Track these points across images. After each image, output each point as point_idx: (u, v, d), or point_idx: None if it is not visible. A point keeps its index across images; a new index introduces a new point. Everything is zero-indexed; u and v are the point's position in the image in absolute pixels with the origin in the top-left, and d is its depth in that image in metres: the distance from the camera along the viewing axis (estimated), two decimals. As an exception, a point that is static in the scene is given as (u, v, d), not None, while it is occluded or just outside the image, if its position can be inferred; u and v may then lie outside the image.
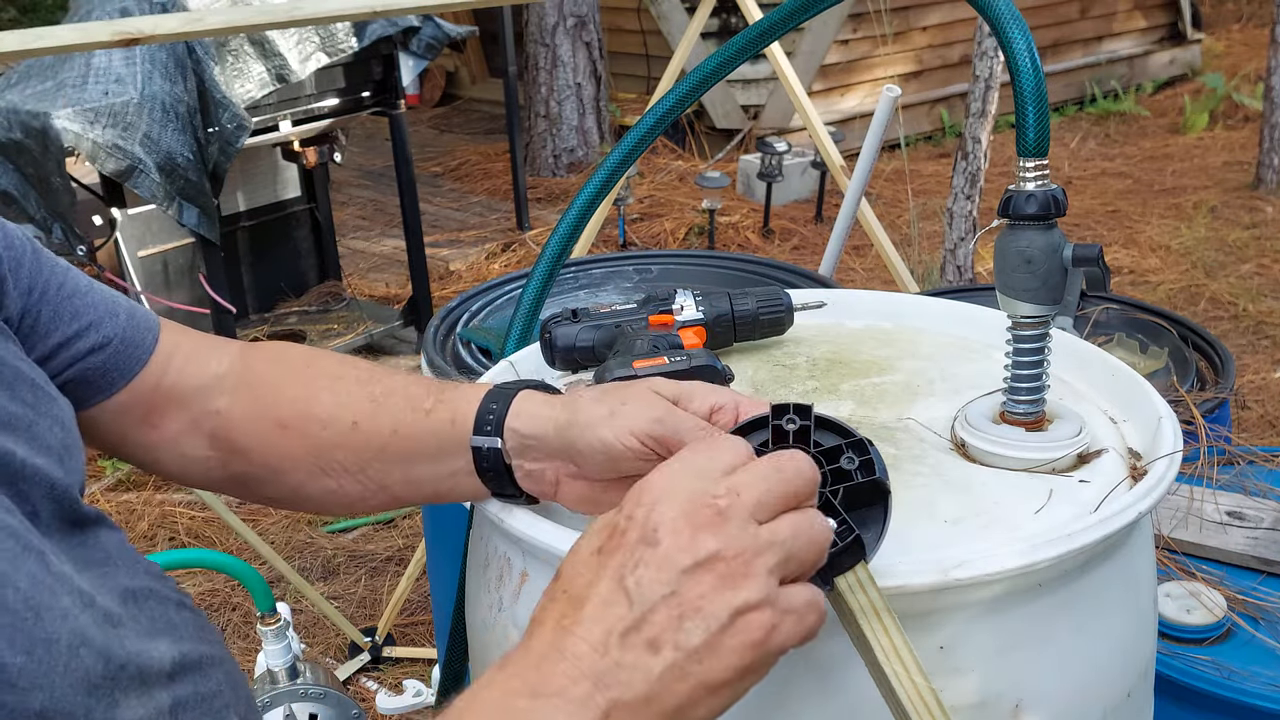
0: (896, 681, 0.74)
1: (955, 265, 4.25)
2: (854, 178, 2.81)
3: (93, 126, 3.52)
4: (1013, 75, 0.93)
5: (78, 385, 0.97)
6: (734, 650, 0.68)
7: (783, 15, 1.18)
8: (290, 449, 0.99)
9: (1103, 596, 0.92)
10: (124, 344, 0.99)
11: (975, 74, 4.07)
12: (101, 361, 0.97)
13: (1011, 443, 1.01)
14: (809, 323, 1.32)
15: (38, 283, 0.94)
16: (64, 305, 0.96)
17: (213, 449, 1.02)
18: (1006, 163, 6.00)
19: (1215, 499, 1.60)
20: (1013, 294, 0.99)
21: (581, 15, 6.67)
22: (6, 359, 0.86)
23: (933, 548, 0.85)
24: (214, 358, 1.04)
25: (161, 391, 1.01)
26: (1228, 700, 1.33)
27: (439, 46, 4.38)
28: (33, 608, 0.72)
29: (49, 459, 0.84)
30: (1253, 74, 7.81)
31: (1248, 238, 5.47)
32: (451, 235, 6.04)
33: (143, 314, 1.02)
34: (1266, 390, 4.04)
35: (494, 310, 2.11)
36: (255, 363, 1.04)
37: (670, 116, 1.22)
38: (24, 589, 0.72)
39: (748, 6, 3.01)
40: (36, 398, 0.87)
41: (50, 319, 0.95)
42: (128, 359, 0.99)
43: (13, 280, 0.92)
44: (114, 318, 0.99)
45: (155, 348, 1.01)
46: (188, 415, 1.02)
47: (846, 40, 6.96)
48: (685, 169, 6.63)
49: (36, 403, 0.86)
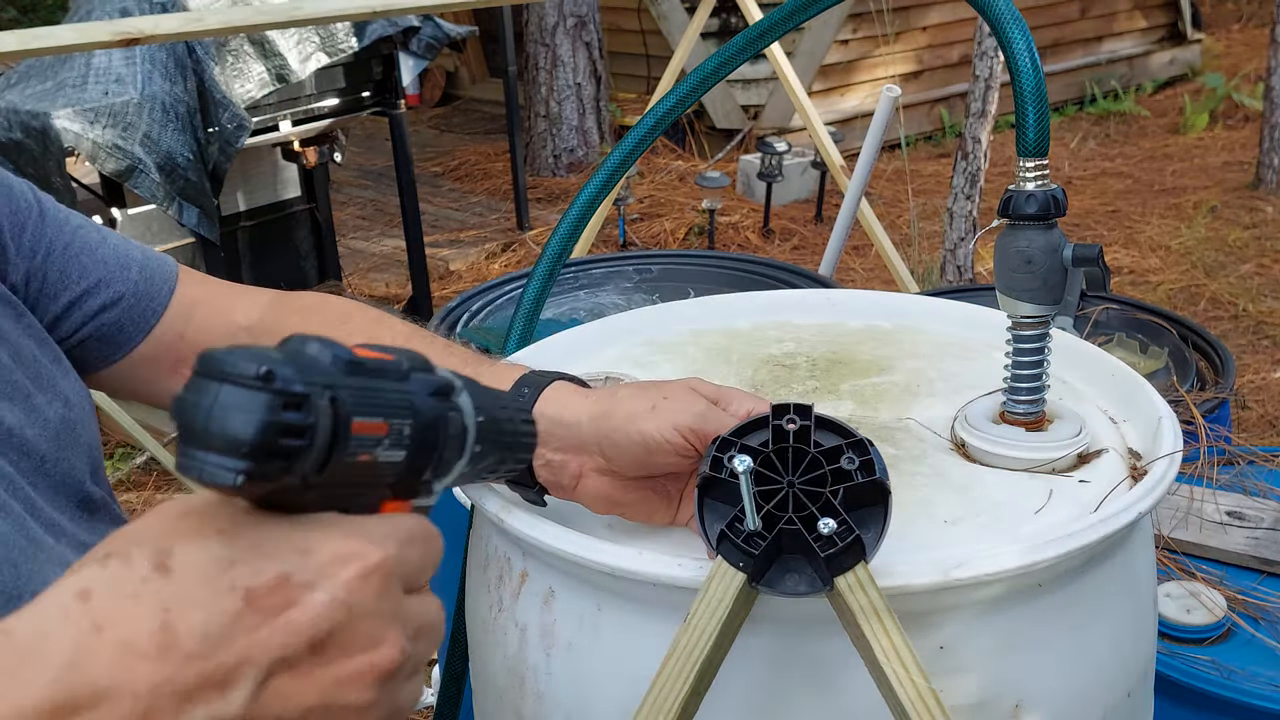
0: (896, 681, 0.74)
1: (955, 265, 4.25)
2: (854, 178, 2.81)
3: (93, 126, 3.52)
4: (1013, 75, 0.93)
5: (95, 343, 0.97)
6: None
7: (783, 15, 1.18)
8: None
9: (1103, 596, 0.92)
10: (136, 298, 0.99)
11: (975, 74, 4.07)
12: (115, 318, 0.98)
13: (1011, 443, 1.01)
14: (809, 323, 1.32)
15: (41, 244, 0.94)
16: (71, 264, 0.96)
17: None
18: (1006, 163, 6.00)
19: (1215, 499, 1.60)
20: (1013, 294, 0.99)
21: (581, 15, 6.67)
22: (8, 335, 0.86)
23: (933, 548, 0.85)
24: (239, 307, 1.04)
25: (187, 341, 1.01)
26: (1228, 700, 1.33)
27: (439, 46, 4.37)
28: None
29: (43, 431, 0.84)
30: (1253, 74, 7.80)
31: (1248, 238, 5.46)
32: (451, 235, 6.04)
33: (158, 265, 1.02)
34: (1266, 390, 4.03)
35: (494, 310, 2.11)
36: (287, 314, 1.03)
37: (671, 117, 1.22)
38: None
39: (748, 6, 3.02)
40: (39, 373, 0.87)
41: (58, 279, 0.95)
42: (142, 313, 0.99)
43: (14, 246, 0.92)
44: (125, 272, 0.99)
45: (171, 300, 1.01)
46: None
47: (846, 40, 6.96)
48: (685, 169, 6.62)
49: (39, 377, 0.87)
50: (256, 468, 0.50)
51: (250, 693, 0.50)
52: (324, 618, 0.52)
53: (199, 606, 0.50)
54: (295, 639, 0.51)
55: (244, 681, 0.50)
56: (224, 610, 0.50)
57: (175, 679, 0.48)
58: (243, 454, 0.49)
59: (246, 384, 0.50)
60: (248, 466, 0.49)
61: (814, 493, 0.78)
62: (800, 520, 0.77)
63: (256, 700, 0.50)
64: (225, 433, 0.49)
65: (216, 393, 0.50)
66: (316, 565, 0.53)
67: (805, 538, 0.77)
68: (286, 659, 0.51)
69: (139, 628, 0.48)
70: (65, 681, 0.47)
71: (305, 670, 0.52)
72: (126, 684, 0.47)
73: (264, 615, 0.51)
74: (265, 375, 0.50)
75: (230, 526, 0.53)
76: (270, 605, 0.51)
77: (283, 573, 0.52)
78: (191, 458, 0.50)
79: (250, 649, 0.50)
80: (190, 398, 0.51)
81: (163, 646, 0.48)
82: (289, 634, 0.51)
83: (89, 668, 0.47)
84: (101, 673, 0.47)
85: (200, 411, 0.50)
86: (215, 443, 0.50)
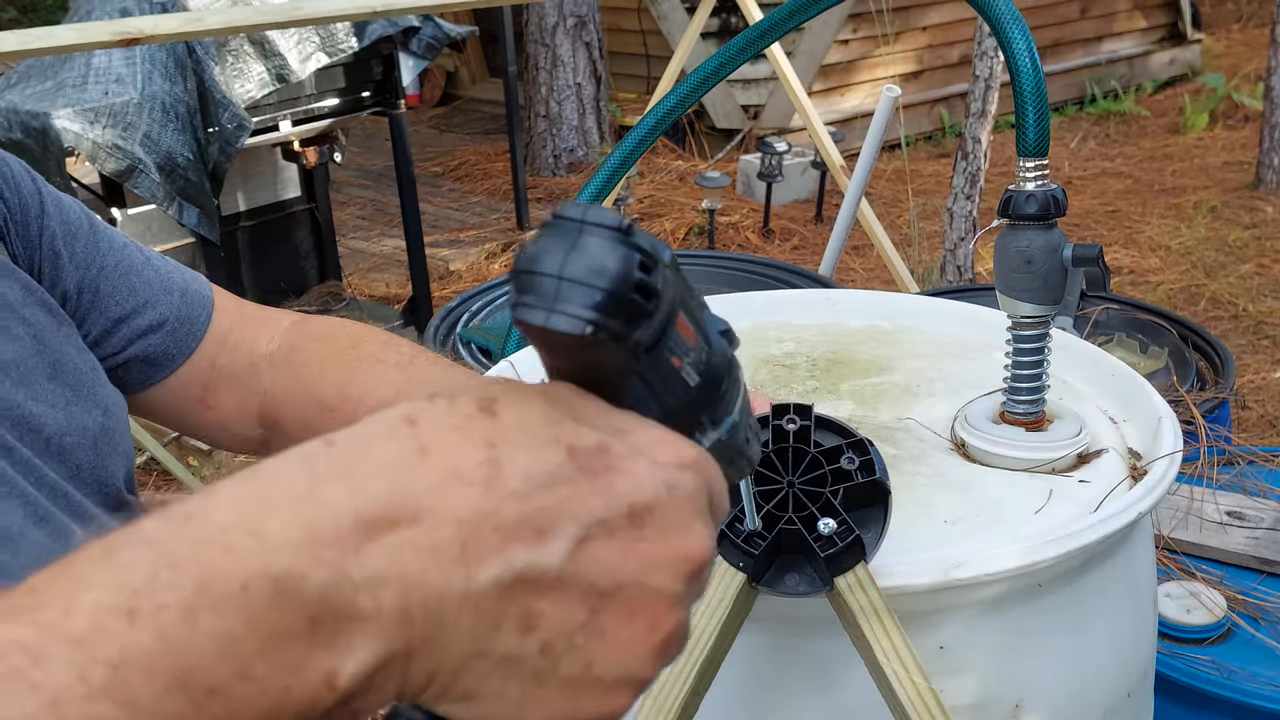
0: (896, 681, 0.74)
1: (955, 265, 4.25)
2: (854, 178, 2.81)
3: (93, 126, 3.52)
4: (1013, 75, 0.93)
5: (139, 364, 0.98)
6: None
7: (783, 15, 1.18)
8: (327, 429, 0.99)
9: (1103, 596, 0.92)
10: (179, 322, 1.00)
11: (975, 74, 4.07)
12: (160, 341, 0.99)
13: (1011, 443, 1.01)
14: (809, 323, 1.32)
15: (95, 259, 0.96)
16: (120, 282, 0.97)
17: (261, 426, 1.04)
18: (1006, 163, 6.00)
19: (1215, 499, 1.60)
20: (1013, 294, 0.99)
21: (581, 15, 6.67)
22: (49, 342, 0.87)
23: (933, 548, 0.85)
24: (263, 335, 1.05)
25: (218, 369, 1.02)
26: (1228, 700, 1.33)
27: (439, 46, 4.37)
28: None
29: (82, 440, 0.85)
30: (1253, 74, 7.80)
31: (1248, 238, 5.46)
32: (451, 235, 6.04)
33: (196, 289, 1.04)
34: (1266, 390, 4.03)
35: (494, 310, 2.11)
36: (302, 341, 1.04)
37: (671, 117, 1.22)
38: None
39: (748, 6, 3.02)
40: (79, 380, 0.88)
41: (109, 294, 0.96)
42: (184, 337, 1.00)
43: (68, 254, 0.93)
44: (168, 295, 1.00)
45: (209, 325, 1.02)
46: (239, 394, 1.03)
47: (846, 40, 6.96)
48: (685, 169, 6.62)
49: (79, 384, 0.87)
50: (607, 320, 0.47)
51: (569, 549, 0.47)
52: (645, 490, 0.49)
53: (524, 449, 0.47)
54: (616, 503, 0.49)
55: (564, 535, 0.47)
56: (548, 459, 0.48)
57: (498, 513, 0.46)
58: (597, 303, 0.47)
59: (609, 234, 0.48)
60: (599, 318, 0.47)
61: (814, 493, 0.78)
62: (800, 520, 0.77)
63: (573, 560, 0.47)
64: (583, 278, 0.47)
65: (576, 238, 0.48)
66: (636, 443, 0.51)
67: (805, 538, 0.77)
68: (606, 522, 0.48)
69: (466, 456, 0.46)
70: (387, 494, 0.45)
71: (623, 541, 0.49)
72: (450, 507, 0.45)
73: (587, 474, 0.48)
74: (628, 229, 0.48)
75: (551, 392, 0.51)
76: (592, 465, 0.49)
77: (603, 441, 0.50)
78: (535, 306, 0.47)
79: (572, 502, 0.48)
80: (546, 242, 0.48)
81: (488, 479, 0.46)
82: (611, 496, 0.49)
83: (412, 486, 0.45)
84: (425, 493, 0.45)
85: (557, 255, 0.47)
86: (568, 290, 0.47)
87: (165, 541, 0.41)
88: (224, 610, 0.40)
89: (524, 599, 0.47)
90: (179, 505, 0.43)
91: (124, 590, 0.40)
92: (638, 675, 0.50)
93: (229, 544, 0.41)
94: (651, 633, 0.50)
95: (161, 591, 0.40)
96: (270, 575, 0.41)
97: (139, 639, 0.39)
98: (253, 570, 0.41)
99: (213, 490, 0.44)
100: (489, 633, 0.46)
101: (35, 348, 0.85)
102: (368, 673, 0.43)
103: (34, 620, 0.39)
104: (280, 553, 0.42)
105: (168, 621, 0.39)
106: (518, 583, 0.46)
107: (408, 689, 0.46)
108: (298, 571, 0.42)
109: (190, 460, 3.74)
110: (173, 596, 0.40)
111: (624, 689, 0.50)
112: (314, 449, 0.46)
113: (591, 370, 0.51)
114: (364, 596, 0.43)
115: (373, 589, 0.43)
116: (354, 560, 0.43)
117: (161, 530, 0.42)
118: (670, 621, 0.50)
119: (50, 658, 0.38)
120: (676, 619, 0.51)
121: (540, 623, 0.47)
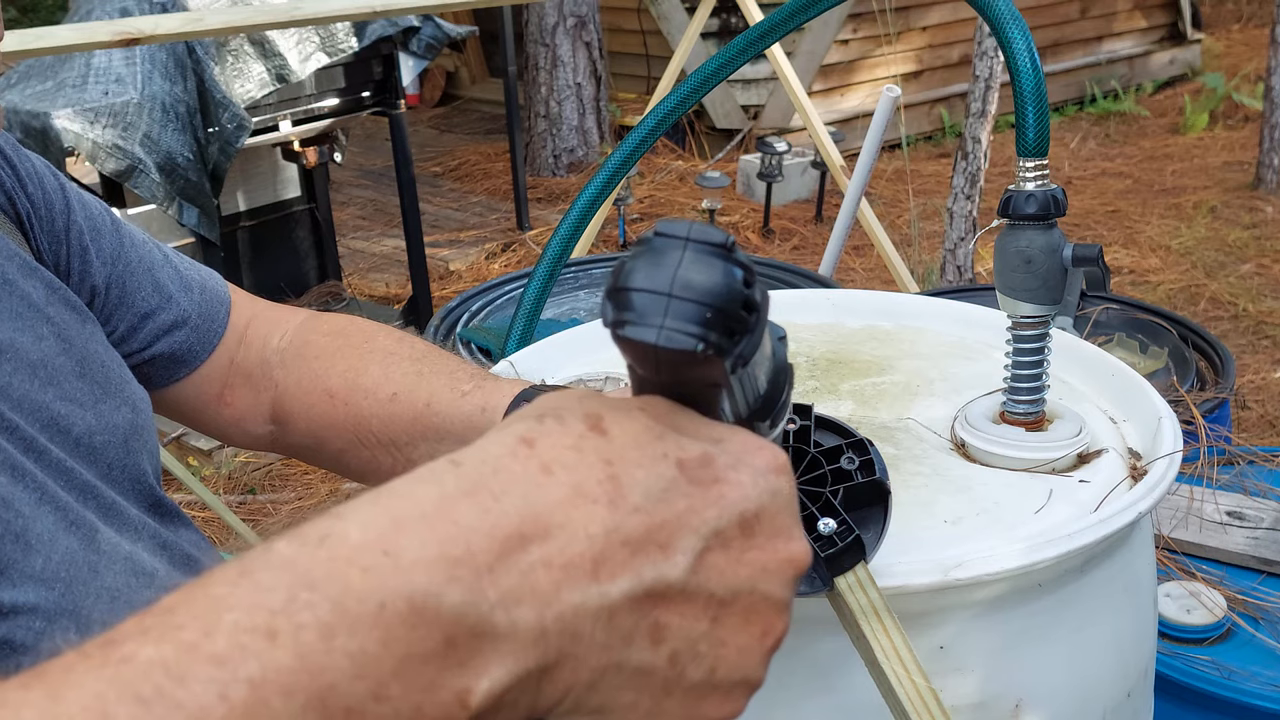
0: (896, 681, 0.74)
1: (955, 265, 4.25)
2: (854, 178, 2.81)
3: (93, 126, 3.52)
4: (1013, 75, 0.93)
5: (163, 361, 0.99)
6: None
7: (783, 15, 1.18)
8: (334, 418, 0.99)
9: (1103, 596, 0.92)
10: (201, 319, 1.01)
11: (975, 74, 4.07)
12: (184, 337, 0.99)
13: (1011, 443, 1.01)
14: (809, 323, 1.32)
15: (121, 256, 0.96)
16: (144, 279, 0.97)
17: (272, 422, 1.04)
18: (1006, 163, 6.00)
19: (1215, 499, 1.60)
20: (1013, 294, 0.99)
21: (581, 15, 6.67)
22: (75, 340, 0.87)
23: (933, 548, 0.85)
24: (276, 331, 1.05)
25: (235, 366, 1.03)
26: (1228, 700, 1.33)
27: (439, 46, 4.38)
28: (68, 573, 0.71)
29: (112, 438, 0.85)
30: (1253, 74, 7.80)
31: (1248, 238, 5.46)
32: (451, 235, 6.04)
33: (213, 286, 1.04)
34: (1266, 390, 4.03)
35: (494, 310, 2.11)
36: (314, 335, 1.04)
37: (671, 117, 1.22)
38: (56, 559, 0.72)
39: (748, 6, 3.02)
40: (107, 378, 0.88)
41: (135, 290, 0.96)
42: (206, 334, 1.01)
43: (95, 249, 0.93)
44: (188, 292, 1.00)
45: (228, 323, 1.03)
46: (253, 390, 1.04)
47: (846, 40, 6.96)
48: (685, 169, 6.62)
49: (107, 382, 0.87)
50: (717, 336, 0.47)
51: (691, 561, 0.48)
52: (752, 498, 0.50)
53: (638, 465, 0.48)
54: (728, 513, 0.50)
55: (685, 548, 0.48)
56: (662, 474, 0.48)
57: (624, 528, 0.47)
58: (708, 319, 0.46)
59: (716, 250, 0.47)
60: (710, 334, 0.46)
61: (814, 493, 0.78)
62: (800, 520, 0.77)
63: (695, 571, 0.48)
64: (694, 295, 0.46)
65: (682, 254, 0.47)
66: (734, 451, 0.51)
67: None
68: (721, 532, 0.49)
69: (587, 475, 0.47)
70: (518, 512, 0.45)
71: (737, 550, 0.50)
72: (580, 523, 0.46)
73: (698, 486, 0.49)
74: (731, 245, 0.48)
75: (649, 407, 0.51)
76: (701, 477, 0.49)
77: (707, 452, 0.50)
78: (643, 324, 0.46)
79: (689, 515, 0.48)
80: (649, 259, 0.47)
81: (611, 496, 0.47)
82: (722, 507, 0.49)
83: (540, 503, 0.46)
84: (553, 510, 0.46)
85: (665, 272, 0.47)
86: (677, 307, 0.46)
87: (302, 563, 0.42)
88: (360, 630, 0.40)
89: (653, 611, 0.47)
90: (310, 527, 0.44)
91: (263, 611, 0.40)
92: (754, 678, 0.52)
93: (365, 564, 0.42)
94: (765, 637, 0.51)
95: (300, 612, 0.40)
96: (406, 594, 0.41)
97: (279, 659, 0.39)
98: (389, 590, 0.41)
99: (343, 511, 0.44)
100: (622, 646, 0.47)
101: (61, 346, 0.85)
102: (502, 690, 0.43)
103: (176, 640, 0.39)
104: (415, 572, 0.42)
105: (306, 641, 0.40)
106: (647, 596, 0.47)
107: (540, 705, 0.46)
108: (434, 590, 0.42)
109: (190, 460, 3.74)
110: (311, 617, 0.40)
111: (742, 692, 0.51)
112: (440, 468, 0.46)
113: (687, 384, 0.52)
114: (500, 614, 0.43)
115: (508, 607, 0.43)
116: (488, 578, 0.43)
117: (297, 552, 0.42)
118: (780, 625, 0.52)
119: (192, 677, 0.38)
120: (785, 622, 0.52)
121: (667, 634, 0.48)
